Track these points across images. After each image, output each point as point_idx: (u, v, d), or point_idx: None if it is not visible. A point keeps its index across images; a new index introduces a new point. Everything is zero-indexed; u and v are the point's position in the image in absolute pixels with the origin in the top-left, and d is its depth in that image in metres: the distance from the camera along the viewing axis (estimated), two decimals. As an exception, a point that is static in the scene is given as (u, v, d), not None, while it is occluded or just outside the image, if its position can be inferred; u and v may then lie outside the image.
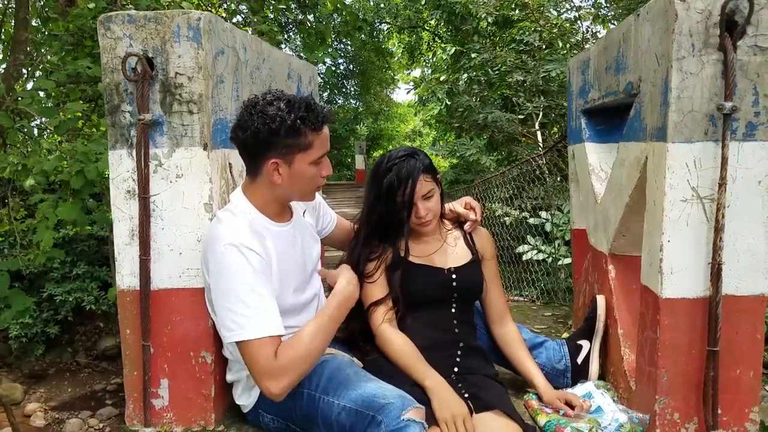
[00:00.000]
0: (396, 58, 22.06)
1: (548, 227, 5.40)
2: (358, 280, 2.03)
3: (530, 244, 5.40)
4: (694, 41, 1.72)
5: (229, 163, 2.19)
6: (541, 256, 5.26)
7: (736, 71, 1.70)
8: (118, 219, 2.02)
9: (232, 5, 7.92)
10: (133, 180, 1.99)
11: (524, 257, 5.41)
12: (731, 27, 1.71)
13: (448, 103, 9.81)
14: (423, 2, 12.61)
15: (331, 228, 2.35)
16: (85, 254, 7.73)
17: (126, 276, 2.04)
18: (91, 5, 5.38)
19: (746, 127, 1.74)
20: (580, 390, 2.18)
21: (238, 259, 1.73)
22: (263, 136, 1.74)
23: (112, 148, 1.99)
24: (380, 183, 2.07)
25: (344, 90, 24.32)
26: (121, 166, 1.99)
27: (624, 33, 2.24)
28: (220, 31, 2.04)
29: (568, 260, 5.09)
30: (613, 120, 2.80)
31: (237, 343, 1.73)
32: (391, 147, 27.50)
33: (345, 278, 1.96)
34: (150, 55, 1.93)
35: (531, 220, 5.58)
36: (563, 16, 9.05)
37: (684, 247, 1.78)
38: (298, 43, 15.83)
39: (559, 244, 5.39)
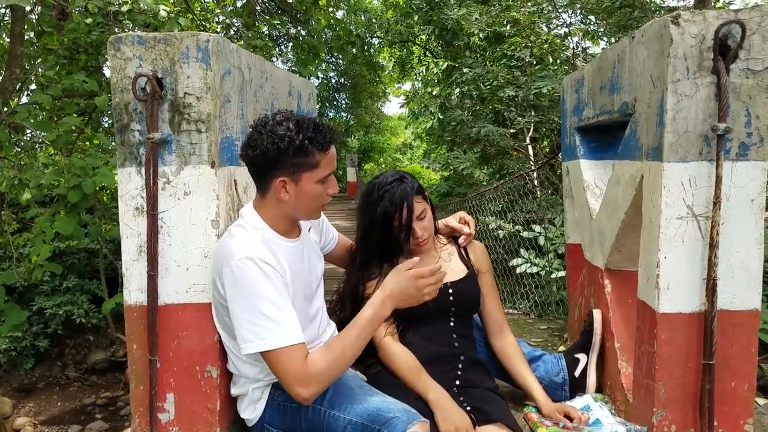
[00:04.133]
0: (387, 72, 22.21)
1: (541, 241, 5.47)
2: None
3: (524, 258, 5.47)
4: (688, 64, 1.79)
5: (234, 180, 2.23)
6: (534, 269, 5.32)
7: (729, 93, 1.76)
8: (127, 235, 2.05)
9: (227, 20, 7.98)
10: (142, 197, 2.02)
11: (518, 270, 5.47)
12: (724, 51, 1.77)
13: (441, 117, 9.91)
14: (416, 18, 12.71)
15: (333, 245, 2.40)
16: (76, 267, 7.70)
17: (133, 291, 2.07)
18: (89, 20, 5.41)
19: (739, 148, 1.80)
20: (578, 403, 2.23)
21: (255, 272, 1.77)
22: (272, 155, 1.80)
23: (121, 166, 2.02)
24: (374, 211, 2.13)
25: (335, 103, 24.45)
26: (129, 183, 2.03)
27: (619, 54, 2.30)
28: (227, 52, 2.09)
29: (560, 273, 5.16)
30: (606, 137, 2.87)
31: (264, 353, 1.76)
32: (382, 159, 27.69)
33: (393, 273, 1.88)
34: (159, 76, 1.97)
35: (524, 234, 5.65)
36: (553, 32, 9.17)
37: (680, 264, 1.83)
38: (290, 56, 15.95)
39: (551, 258, 5.46)
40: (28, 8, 6.32)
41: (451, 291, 2.22)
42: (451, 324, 2.22)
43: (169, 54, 1.97)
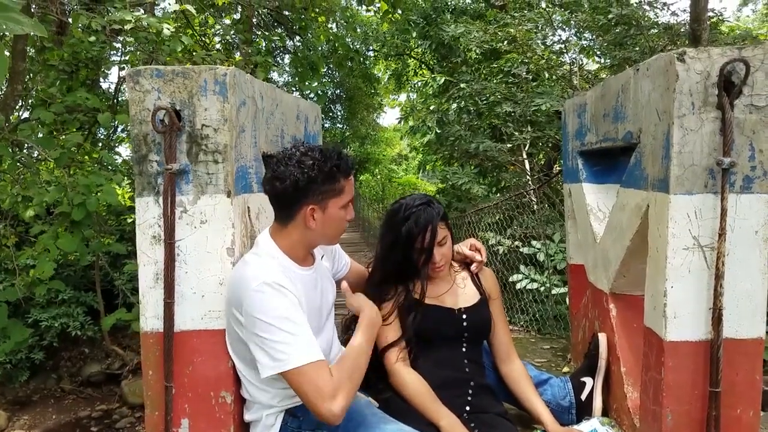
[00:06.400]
0: (382, 84, 22.31)
1: (541, 257, 5.53)
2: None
3: (523, 274, 5.52)
4: (694, 100, 1.84)
5: (248, 207, 2.27)
6: (534, 286, 5.37)
7: (733, 128, 1.82)
8: (144, 263, 2.08)
9: (226, 36, 8.04)
10: (159, 226, 2.06)
11: (518, 286, 5.52)
12: (728, 87, 1.83)
13: (438, 131, 9.99)
14: (414, 35, 12.80)
15: (345, 271, 2.44)
16: (71, 279, 7.70)
17: (150, 318, 2.10)
18: (92, 38, 5.47)
19: (743, 181, 1.85)
20: (585, 426, 2.27)
21: (273, 295, 1.82)
22: (302, 184, 1.87)
23: (139, 195, 2.06)
24: (398, 231, 2.17)
25: (331, 114, 24.50)
26: (147, 212, 2.07)
27: (623, 84, 2.36)
28: (242, 84, 2.14)
29: (559, 290, 5.21)
30: (608, 161, 2.92)
31: (287, 373, 1.78)
32: (377, 170, 27.77)
33: (368, 304, 2.09)
34: (177, 108, 2.02)
35: (524, 250, 5.70)
36: (549, 48, 9.26)
37: (686, 293, 1.88)
38: (287, 69, 16.01)
39: (550, 274, 5.51)
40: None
41: (464, 317, 2.26)
42: (463, 349, 2.26)
43: (188, 87, 2.02)
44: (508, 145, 8.49)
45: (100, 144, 7.75)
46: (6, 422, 7.92)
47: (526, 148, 8.73)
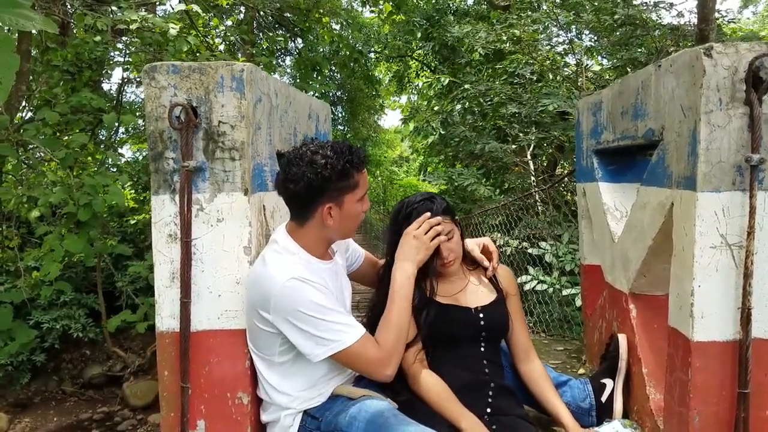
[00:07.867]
0: (383, 86, 22.25)
1: (548, 258, 5.49)
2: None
3: (531, 275, 5.48)
4: (721, 96, 1.80)
5: (263, 205, 2.24)
6: (543, 287, 5.33)
7: (762, 124, 1.78)
8: (160, 262, 2.05)
9: (230, 37, 8.01)
10: (176, 224, 2.03)
11: (526, 287, 5.48)
12: (757, 83, 1.79)
13: (442, 132, 9.95)
14: (418, 36, 12.77)
15: (360, 263, 2.43)
16: (73, 281, 7.67)
17: (165, 318, 2.07)
18: (97, 38, 5.44)
19: (772, 178, 1.82)
20: (607, 429, 2.23)
21: (303, 288, 1.83)
22: (317, 184, 1.85)
23: (155, 193, 2.03)
24: (400, 229, 2.14)
25: (332, 116, 24.41)
26: (163, 210, 2.04)
27: (643, 81, 2.32)
28: (258, 80, 2.11)
29: (570, 291, 5.17)
30: (624, 159, 2.89)
31: (338, 354, 1.87)
32: (378, 172, 27.73)
33: (399, 269, 2.07)
34: (194, 105, 1.99)
35: (532, 251, 5.67)
36: (554, 49, 9.23)
37: (714, 292, 1.84)
38: (288, 71, 15.96)
39: (558, 275, 5.48)
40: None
41: (481, 316, 2.22)
42: (482, 349, 2.22)
43: (204, 83, 1.99)
44: (513, 146, 8.45)
45: (102, 145, 7.71)
46: (7, 424, 7.87)
47: (531, 149, 8.69)
